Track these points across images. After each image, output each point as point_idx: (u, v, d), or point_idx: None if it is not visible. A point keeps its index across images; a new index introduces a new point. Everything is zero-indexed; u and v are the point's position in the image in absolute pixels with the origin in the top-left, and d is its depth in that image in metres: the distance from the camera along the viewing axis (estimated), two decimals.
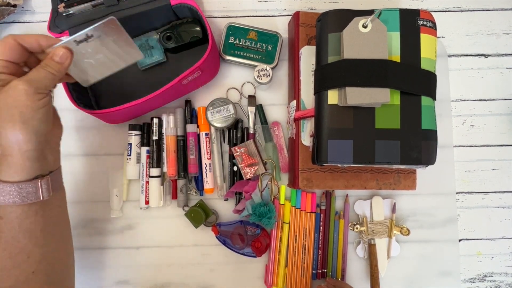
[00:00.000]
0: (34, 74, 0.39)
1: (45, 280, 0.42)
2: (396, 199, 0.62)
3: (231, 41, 0.61)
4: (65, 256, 0.47)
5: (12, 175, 0.39)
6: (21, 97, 0.37)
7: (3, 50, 0.38)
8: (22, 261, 0.41)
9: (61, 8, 0.54)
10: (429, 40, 0.48)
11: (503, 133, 0.64)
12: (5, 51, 0.38)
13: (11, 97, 0.37)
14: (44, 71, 0.40)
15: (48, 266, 0.43)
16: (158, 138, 0.60)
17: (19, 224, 0.40)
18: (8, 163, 0.39)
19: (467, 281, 0.62)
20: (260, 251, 0.58)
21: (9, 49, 0.39)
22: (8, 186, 0.39)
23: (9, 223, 0.40)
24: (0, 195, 0.39)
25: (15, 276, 0.40)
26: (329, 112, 0.48)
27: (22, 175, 0.39)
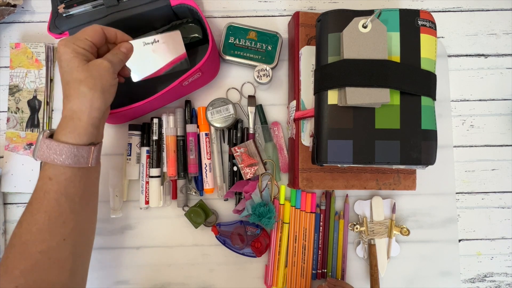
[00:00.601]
0: (111, 57, 0.47)
1: (71, 250, 0.45)
2: (396, 199, 0.62)
3: (231, 41, 0.61)
4: (90, 229, 0.50)
5: (74, 138, 0.43)
6: (105, 72, 0.44)
7: (91, 33, 0.45)
8: (58, 225, 0.43)
9: (61, 9, 0.54)
10: (429, 40, 0.48)
11: (503, 133, 0.64)
12: (93, 35, 0.45)
13: (96, 70, 0.44)
14: (116, 56, 0.47)
15: (77, 236, 0.46)
16: (158, 138, 0.60)
17: (65, 187, 0.44)
18: (75, 126, 0.43)
19: (467, 281, 0.62)
20: (260, 251, 0.58)
21: (97, 34, 0.46)
22: (68, 146, 0.43)
23: (57, 184, 0.43)
24: (59, 154, 0.42)
25: (47, 241, 0.43)
26: (329, 112, 0.48)
27: (82, 139, 0.44)
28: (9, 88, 0.61)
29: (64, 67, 0.44)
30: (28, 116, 0.61)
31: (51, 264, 0.43)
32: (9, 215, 0.61)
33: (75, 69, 0.43)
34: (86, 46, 0.45)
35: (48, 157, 0.42)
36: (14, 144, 0.61)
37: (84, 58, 0.44)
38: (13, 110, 0.61)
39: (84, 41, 0.45)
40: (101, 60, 0.45)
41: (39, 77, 0.61)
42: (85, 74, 0.43)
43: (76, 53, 0.43)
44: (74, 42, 0.44)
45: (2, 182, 0.60)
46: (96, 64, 0.44)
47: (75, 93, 0.43)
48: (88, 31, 0.46)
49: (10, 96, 0.61)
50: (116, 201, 0.60)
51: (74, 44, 0.44)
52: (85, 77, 0.43)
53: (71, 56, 0.43)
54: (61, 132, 0.43)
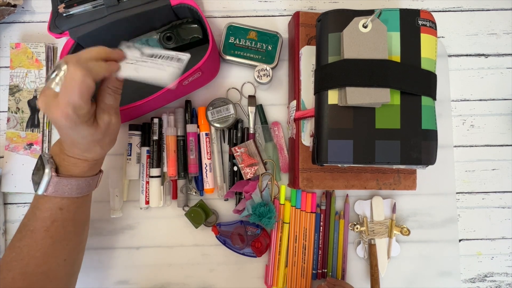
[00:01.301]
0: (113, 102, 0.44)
1: (69, 269, 0.46)
2: (396, 199, 0.62)
3: (231, 41, 0.61)
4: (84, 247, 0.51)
5: (91, 173, 0.46)
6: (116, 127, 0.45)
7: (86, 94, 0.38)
8: (61, 248, 0.44)
9: (61, 8, 0.54)
10: (429, 40, 0.48)
11: (503, 133, 0.64)
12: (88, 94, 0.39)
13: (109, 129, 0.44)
14: (116, 95, 0.45)
15: (75, 255, 0.47)
16: (158, 138, 0.60)
17: (74, 213, 0.45)
18: (92, 165, 0.45)
19: (467, 281, 0.62)
20: (260, 251, 0.58)
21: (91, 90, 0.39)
22: (87, 180, 0.45)
23: (67, 213, 0.44)
24: (71, 189, 0.44)
25: (50, 263, 0.44)
26: (329, 112, 0.48)
27: (96, 171, 0.48)
28: (9, 88, 0.61)
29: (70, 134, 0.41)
30: (28, 116, 0.61)
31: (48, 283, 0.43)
32: (9, 215, 0.61)
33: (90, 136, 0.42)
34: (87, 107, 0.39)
35: (63, 193, 0.43)
36: (14, 144, 0.61)
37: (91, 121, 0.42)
38: (13, 110, 0.61)
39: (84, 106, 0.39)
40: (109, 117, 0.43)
41: (39, 77, 0.61)
42: (98, 136, 0.43)
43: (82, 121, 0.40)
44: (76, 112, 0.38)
45: (2, 182, 0.60)
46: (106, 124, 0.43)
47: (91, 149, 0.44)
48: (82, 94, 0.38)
49: (10, 96, 0.61)
50: (116, 201, 0.60)
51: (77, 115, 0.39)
52: (99, 139, 0.43)
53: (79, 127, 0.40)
54: (77, 169, 0.44)
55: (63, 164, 0.43)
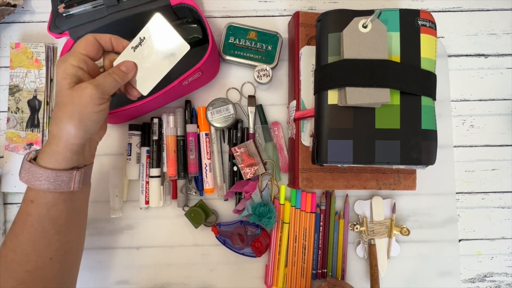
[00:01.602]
0: (102, 79, 0.43)
1: (59, 268, 0.45)
2: (396, 199, 0.62)
3: (231, 41, 0.61)
4: (78, 246, 0.49)
5: (52, 163, 0.42)
6: (86, 99, 0.41)
7: (84, 45, 0.43)
8: (43, 246, 0.43)
9: (61, 8, 0.55)
10: (429, 40, 0.48)
11: (503, 133, 0.64)
12: (86, 46, 0.43)
13: (78, 97, 0.41)
14: (110, 77, 0.44)
15: (64, 255, 0.45)
16: (158, 138, 0.60)
17: (47, 210, 0.43)
18: (52, 150, 0.42)
19: (467, 281, 0.62)
20: (260, 251, 0.58)
21: (89, 44, 0.43)
22: (47, 172, 0.42)
23: (38, 207, 0.42)
24: (38, 179, 0.41)
25: (33, 261, 0.42)
26: (329, 112, 0.48)
27: (61, 164, 0.42)
28: (9, 88, 0.61)
29: (56, 88, 0.42)
30: (28, 116, 0.61)
31: (38, 282, 0.43)
32: (9, 215, 0.61)
33: (60, 93, 0.42)
34: (79, 62, 0.42)
35: (29, 181, 0.42)
36: (14, 144, 0.61)
37: (73, 80, 0.42)
38: (13, 110, 0.61)
39: (78, 56, 0.42)
40: (86, 85, 0.41)
41: (39, 77, 0.61)
42: (66, 99, 0.41)
43: (65, 74, 0.41)
44: (67, 60, 0.42)
45: (2, 182, 0.60)
46: (80, 89, 0.41)
47: (54, 118, 0.42)
48: (81, 43, 0.43)
49: (10, 96, 0.61)
50: (116, 201, 0.60)
51: (66, 63, 0.42)
52: (65, 103, 0.41)
53: (61, 78, 0.41)
54: (42, 156, 0.42)
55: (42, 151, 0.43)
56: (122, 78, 0.45)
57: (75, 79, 0.42)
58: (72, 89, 0.41)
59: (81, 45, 0.43)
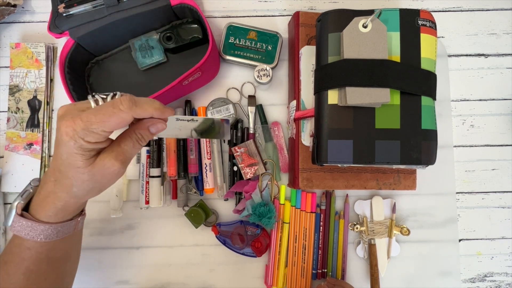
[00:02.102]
0: (129, 149, 0.37)
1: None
2: (396, 199, 0.62)
3: (231, 41, 0.61)
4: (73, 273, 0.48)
5: (57, 218, 0.39)
6: (111, 176, 0.37)
7: (115, 125, 0.34)
8: (39, 282, 0.41)
9: (61, 8, 0.54)
10: (429, 40, 0.48)
11: (503, 133, 0.64)
12: (116, 126, 0.34)
13: (101, 175, 0.36)
14: (138, 145, 0.37)
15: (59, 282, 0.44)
16: (158, 138, 0.60)
17: (47, 255, 0.41)
18: (57, 209, 0.38)
19: (467, 281, 0.62)
20: (260, 251, 0.58)
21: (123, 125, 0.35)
22: (50, 226, 0.38)
23: (37, 254, 0.40)
24: (40, 233, 0.38)
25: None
26: (329, 112, 0.48)
27: (66, 217, 0.40)
28: (9, 88, 0.61)
29: (63, 156, 0.35)
30: (28, 116, 0.61)
31: None
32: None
33: (74, 170, 0.35)
34: (100, 139, 0.34)
35: (26, 235, 0.38)
36: (14, 144, 0.61)
37: (90, 155, 0.35)
38: (13, 110, 0.61)
39: (99, 135, 0.34)
40: (113, 162, 0.35)
41: (39, 77, 0.61)
42: (84, 176, 0.35)
43: (82, 150, 0.34)
44: (85, 137, 0.33)
45: (2, 182, 0.60)
46: (104, 167, 0.35)
47: (67, 187, 0.36)
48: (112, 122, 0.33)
49: (10, 96, 0.61)
50: (116, 201, 0.60)
51: (83, 140, 0.33)
52: (82, 181, 0.36)
53: (74, 152, 0.34)
54: (42, 211, 0.38)
55: (35, 200, 0.39)
56: (147, 140, 0.38)
57: (92, 153, 0.35)
58: (92, 166, 0.35)
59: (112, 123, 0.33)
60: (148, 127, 0.37)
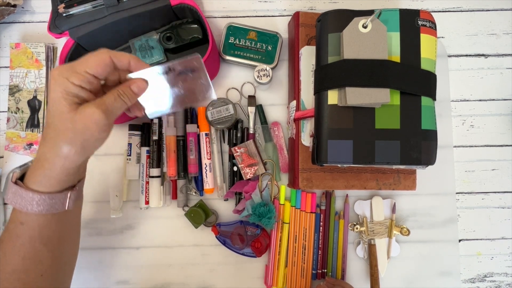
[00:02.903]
0: (110, 101, 0.38)
1: (51, 282, 0.43)
2: (396, 199, 0.62)
3: (231, 41, 0.61)
4: (71, 260, 0.48)
5: (46, 186, 0.39)
6: (92, 125, 0.37)
7: (95, 65, 0.37)
8: (34, 264, 0.41)
9: (61, 8, 0.54)
10: (429, 40, 0.48)
11: (503, 133, 0.64)
12: (96, 66, 0.37)
13: (82, 122, 0.37)
14: (120, 100, 0.39)
15: (56, 270, 0.44)
16: (158, 138, 0.60)
17: (40, 232, 0.40)
18: (46, 174, 0.38)
19: (467, 281, 0.62)
20: (260, 251, 0.58)
21: (102, 65, 0.37)
22: (39, 195, 0.38)
23: (30, 230, 0.40)
24: (29, 203, 0.38)
25: (23, 279, 0.40)
26: (329, 112, 0.48)
27: (55, 187, 0.40)
28: (9, 88, 0.61)
29: (50, 106, 0.37)
30: (28, 116, 0.61)
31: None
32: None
33: (59, 116, 0.36)
34: (83, 82, 0.37)
35: (17, 204, 0.39)
36: (14, 144, 0.61)
37: (74, 101, 0.37)
38: (13, 110, 0.61)
39: (82, 76, 0.36)
40: (94, 110, 0.37)
41: (39, 77, 0.61)
42: (66, 124, 0.36)
43: (66, 93, 0.36)
44: (69, 77, 0.36)
45: (2, 182, 0.60)
46: (85, 114, 0.36)
47: (51, 140, 0.37)
48: (91, 61, 0.37)
49: (10, 96, 0.61)
50: (116, 201, 0.60)
51: (68, 81, 0.36)
52: (65, 129, 0.36)
53: (59, 97, 0.36)
54: (32, 178, 0.39)
55: (29, 169, 0.39)
56: (131, 100, 0.40)
57: (77, 99, 0.37)
58: (75, 112, 0.36)
59: (92, 63, 0.37)
60: (130, 85, 0.40)
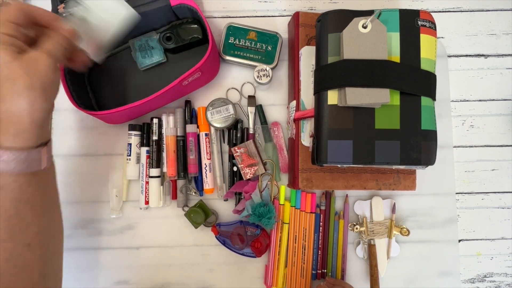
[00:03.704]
0: (50, 46, 0.40)
1: (39, 254, 0.42)
2: (396, 200, 0.62)
3: (231, 41, 0.61)
4: (57, 231, 0.47)
5: (20, 142, 0.38)
6: (44, 68, 0.38)
7: (14, 13, 0.37)
8: (20, 232, 0.40)
9: (61, 8, 0.54)
10: (429, 40, 0.48)
11: (503, 134, 0.64)
12: (16, 15, 0.37)
13: (33, 67, 0.37)
14: (58, 45, 0.40)
15: (43, 240, 0.43)
16: (158, 138, 0.60)
17: (21, 194, 0.40)
18: (16, 130, 0.38)
19: (467, 282, 0.62)
20: (260, 251, 0.58)
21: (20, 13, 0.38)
22: (16, 153, 0.38)
23: (10, 192, 0.39)
24: (6, 163, 0.38)
25: (10, 249, 0.39)
26: (329, 112, 0.48)
27: (29, 142, 0.39)
28: None
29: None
30: None
31: (18, 270, 0.40)
32: None
33: (5, 65, 0.36)
34: (13, 31, 0.37)
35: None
36: None
37: (14, 50, 0.37)
38: None
39: (8, 26, 0.37)
40: (39, 54, 0.38)
41: None
42: (19, 71, 0.37)
43: (3, 44, 0.36)
44: None
45: None
46: (33, 58, 0.38)
47: (9, 94, 0.37)
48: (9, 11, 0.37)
49: None
50: (116, 201, 0.60)
51: None
52: (20, 75, 0.37)
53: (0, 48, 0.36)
54: (4, 137, 0.38)
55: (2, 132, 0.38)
56: (67, 44, 0.42)
57: (15, 48, 0.37)
58: (20, 60, 0.37)
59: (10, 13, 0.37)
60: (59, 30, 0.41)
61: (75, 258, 0.60)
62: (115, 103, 0.53)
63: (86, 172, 0.61)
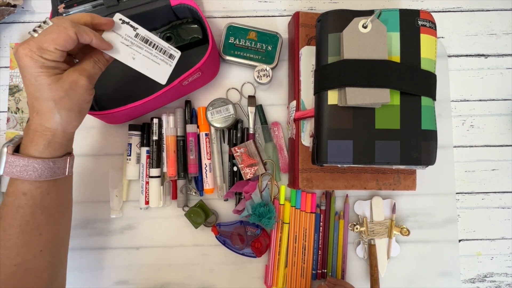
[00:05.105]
0: (90, 68, 0.43)
1: (49, 260, 0.44)
2: (396, 200, 0.62)
3: (231, 41, 0.61)
4: (67, 237, 0.48)
5: (49, 152, 0.41)
6: (81, 91, 0.41)
7: (63, 42, 0.39)
8: (34, 238, 0.42)
9: (61, 8, 0.55)
10: (429, 40, 0.48)
11: (503, 134, 0.64)
12: (65, 44, 0.39)
13: (73, 89, 0.41)
14: (97, 66, 0.44)
15: (54, 246, 0.44)
16: (158, 138, 0.60)
17: (41, 200, 0.42)
18: (49, 142, 0.41)
19: (467, 282, 0.62)
20: (260, 251, 0.58)
21: (70, 42, 0.39)
22: (45, 162, 0.41)
23: (32, 199, 0.41)
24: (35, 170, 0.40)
25: (23, 254, 0.41)
26: (329, 112, 0.48)
27: (58, 152, 0.42)
28: (9, 88, 0.61)
29: (31, 81, 0.39)
30: (28, 116, 0.61)
31: (29, 275, 0.41)
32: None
33: (47, 87, 0.39)
34: (57, 57, 0.39)
35: (21, 174, 0.40)
36: None
37: (55, 72, 0.39)
38: (13, 110, 0.61)
39: (53, 53, 0.38)
40: (78, 76, 0.41)
41: None
42: (59, 93, 0.39)
43: (46, 68, 0.38)
44: (42, 55, 0.38)
45: (2, 182, 0.60)
46: (72, 81, 0.40)
47: (48, 112, 0.40)
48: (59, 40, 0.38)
49: (10, 96, 0.61)
50: (116, 201, 0.60)
51: (42, 58, 0.38)
52: (60, 98, 0.40)
53: (39, 72, 0.38)
54: (32, 147, 0.40)
55: (24, 141, 0.41)
56: (105, 66, 0.46)
57: (56, 71, 0.40)
58: (61, 81, 0.40)
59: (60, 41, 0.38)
60: (103, 54, 0.45)
61: (75, 258, 0.60)
62: (115, 103, 0.53)
63: (86, 172, 0.61)
